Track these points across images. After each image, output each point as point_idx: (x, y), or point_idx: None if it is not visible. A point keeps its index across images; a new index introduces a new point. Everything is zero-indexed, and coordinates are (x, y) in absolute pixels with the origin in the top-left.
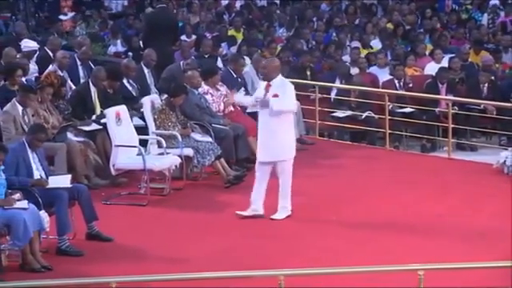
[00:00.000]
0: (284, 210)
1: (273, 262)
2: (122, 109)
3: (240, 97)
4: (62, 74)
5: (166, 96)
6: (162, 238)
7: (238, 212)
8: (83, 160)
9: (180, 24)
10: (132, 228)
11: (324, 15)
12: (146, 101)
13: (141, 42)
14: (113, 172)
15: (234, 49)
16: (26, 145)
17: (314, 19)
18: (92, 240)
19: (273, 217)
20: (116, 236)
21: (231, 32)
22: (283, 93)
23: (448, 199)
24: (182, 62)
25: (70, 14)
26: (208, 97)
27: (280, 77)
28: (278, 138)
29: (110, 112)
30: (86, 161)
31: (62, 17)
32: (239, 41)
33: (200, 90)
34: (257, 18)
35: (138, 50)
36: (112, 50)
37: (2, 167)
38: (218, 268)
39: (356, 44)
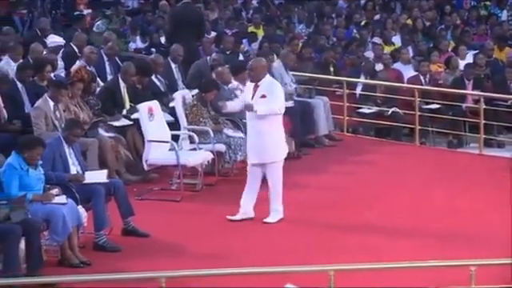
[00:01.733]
0: (276, 212)
1: (311, 258)
2: (155, 104)
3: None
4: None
5: (197, 91)
6: (198, 234)
7: (228, 217)
8: (114, 155)
9: None
10: (167, 224)
11: (342, 12)
12: (177, 96)
13: (161, 38)
14: (145, 167)
15: (255, 45)
16: (63, 140)
17: (333, 16)
18: (128, 236)
19: (265, 220)
20: (151, 232)
21: (251, 29)
22: (271, 93)
23: (484, 196)
24: (208, 58)
25: (86, 11)
26: (238, 92)
27: (268, 77)
28: (266, 140)
29: (143, 107)
30: (116, 156)
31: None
32: (260, 37)
33: (230, 85)
34: (274, 14)
35: (159, 46)
36: (132, 46)
37: (40, 162)
38: (257, 264)
39: (378, 40)
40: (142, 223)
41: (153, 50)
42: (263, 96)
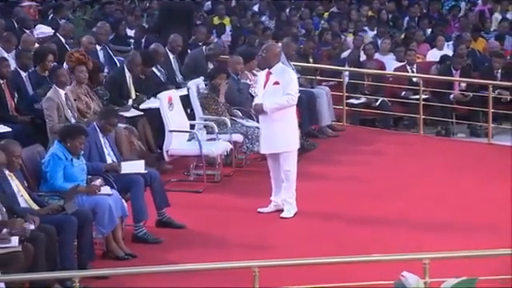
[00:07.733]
0: (289, 205)
1: (356, 249)
2: (174, 93)
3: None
4: None
5: (207, 82)
6: (231, 225)
7: (259, 209)
8: (129, 146)
9: None
10: (195, 215)
11: (301, 4)
12: (191, 85)
13: (127, 31)
14: (166, 158)
15: (224, 37)
16: (98, 129)
17: (293, 7)
18: (163, 227)
19: (281, 215)
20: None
21: (216, 20)
22: (283, 79)
23: (502, 184)
24: (204, 47)
25: (28, 3)
26: (247, 82)
27: (281, 64)
28: (279, 130)
29: (163, 97)
30: (130, 147)
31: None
32: (227, 29)
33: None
34: (229, 6)
35: (125, 38)
36: None
37: (82, 152)
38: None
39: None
40: (170, 215)
41: (131, 41)
42: (276, 83)
